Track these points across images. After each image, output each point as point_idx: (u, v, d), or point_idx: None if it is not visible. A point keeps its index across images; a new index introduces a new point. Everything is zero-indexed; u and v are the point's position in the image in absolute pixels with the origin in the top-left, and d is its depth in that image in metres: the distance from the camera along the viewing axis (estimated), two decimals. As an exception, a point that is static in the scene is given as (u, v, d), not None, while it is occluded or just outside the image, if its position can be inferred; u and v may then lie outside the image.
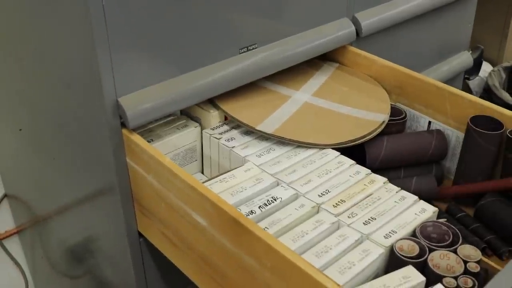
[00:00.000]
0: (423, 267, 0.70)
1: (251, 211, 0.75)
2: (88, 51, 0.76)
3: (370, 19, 1.13)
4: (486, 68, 2.06)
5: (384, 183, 0.82)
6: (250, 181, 0.80)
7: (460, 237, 0.74)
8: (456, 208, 0.92)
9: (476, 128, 0.90)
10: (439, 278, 0.68)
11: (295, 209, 0.76)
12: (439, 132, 0.97)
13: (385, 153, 0.93)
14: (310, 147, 0.88)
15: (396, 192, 0.80)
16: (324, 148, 0.88)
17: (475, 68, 1.83)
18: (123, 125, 0.82)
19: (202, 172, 0.97)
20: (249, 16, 0.92)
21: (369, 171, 0.84)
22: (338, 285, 0.60)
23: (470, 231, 0.89)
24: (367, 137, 0.90)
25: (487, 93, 1.87)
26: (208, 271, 0.77)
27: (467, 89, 2.04)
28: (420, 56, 1.35)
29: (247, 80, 0.94)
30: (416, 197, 0.79)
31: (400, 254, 0.70)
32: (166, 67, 0.84)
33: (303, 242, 0.70)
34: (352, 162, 0.86)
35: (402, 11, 1.20)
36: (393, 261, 0.71)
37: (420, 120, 1.02)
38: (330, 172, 0.83)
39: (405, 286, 0.65)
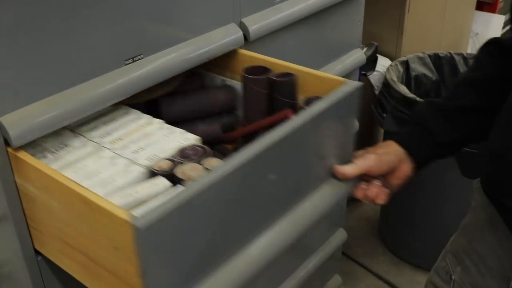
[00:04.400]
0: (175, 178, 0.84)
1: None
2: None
3: (257, 23, 1.15)
4: (384, 63, 2.14)
5: (159, 123, 0.97)
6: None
7: (209, 153, 0.88)
8: (241, 147, 1.01)
9: (246, 75, 1.02)
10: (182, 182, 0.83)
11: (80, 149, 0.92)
12: (227, 86, 1.14)
13: (179, 109, 1.08)
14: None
15: (167, 128, 0.96)
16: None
17: (371, 64, 1.89)
18: (8, 143, 0.81)
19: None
20: (133, 26, 0.93)
21: (150, 117, 0.99)
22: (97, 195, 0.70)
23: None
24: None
25: (386, 87, 1.94)
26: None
27: (368, 84, 2.12)
28: (312, 56, 1.39)
29: (134, 91, 0.95)
30: (183, 130, 0.95)
31: (154, 169, 0.85)
32: (49, 83, 0.84)
33: (85, 173, 0.86)
34: (137, 111, 1.00)
35: (289, 14, 1.23)
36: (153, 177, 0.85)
37: (215, 80, 1.18)
38: (116, 121, 0.98)
39: (153, 189, 0.81)
